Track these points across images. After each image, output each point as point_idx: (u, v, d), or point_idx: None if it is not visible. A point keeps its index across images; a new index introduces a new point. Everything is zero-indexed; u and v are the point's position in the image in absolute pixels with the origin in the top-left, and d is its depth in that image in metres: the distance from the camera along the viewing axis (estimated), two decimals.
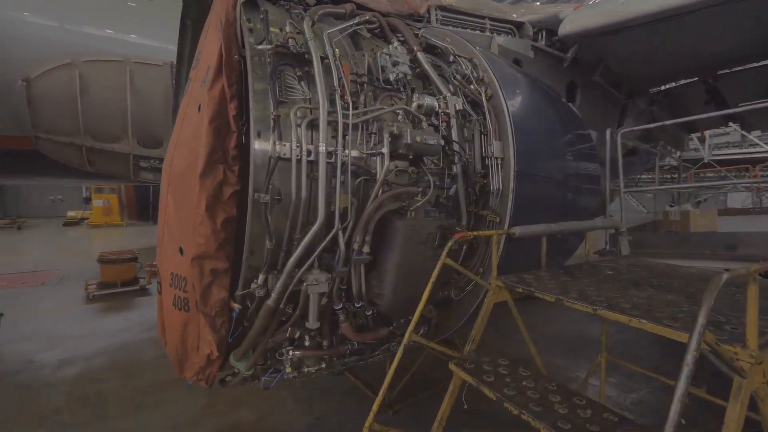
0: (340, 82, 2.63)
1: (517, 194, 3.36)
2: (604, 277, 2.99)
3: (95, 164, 6.73)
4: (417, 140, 2.73)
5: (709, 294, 1.44)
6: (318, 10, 2.90)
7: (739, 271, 1.54)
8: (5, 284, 9.42)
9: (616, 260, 3.66)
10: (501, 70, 3.70)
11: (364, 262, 2.74)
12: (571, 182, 4.05)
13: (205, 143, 2.43)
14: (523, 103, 3.68)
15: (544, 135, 3.81)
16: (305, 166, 2.46)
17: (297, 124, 2.46)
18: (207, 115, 2.46)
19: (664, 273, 3.08)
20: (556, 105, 4.33)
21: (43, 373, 5.34)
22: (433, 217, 2.97)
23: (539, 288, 2.65)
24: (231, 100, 2.50)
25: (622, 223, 3.90)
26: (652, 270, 3.23)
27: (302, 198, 2.45)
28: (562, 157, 3.96)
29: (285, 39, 2.51)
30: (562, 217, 3.69)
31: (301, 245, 2.47)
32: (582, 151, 4.49)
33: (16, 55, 5.98)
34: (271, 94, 2.41)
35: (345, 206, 2.63)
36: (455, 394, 2.68)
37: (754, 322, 1.68)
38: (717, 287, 1.45)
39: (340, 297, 2.79)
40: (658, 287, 2.63)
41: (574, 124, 4.58)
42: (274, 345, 2.79)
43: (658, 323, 1.91)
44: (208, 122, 2.45)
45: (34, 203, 28.10)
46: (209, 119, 2.45)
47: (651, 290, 2.58)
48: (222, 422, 4.41)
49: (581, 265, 3.38)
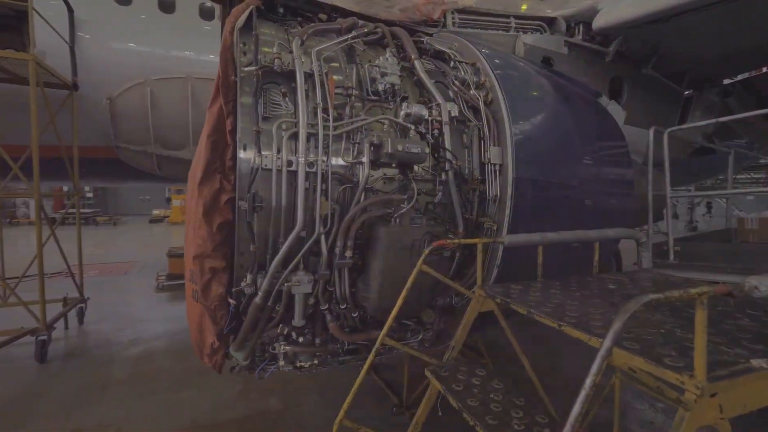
0: (324, 96, 2.80)
1: (516, 201, 3.26)
2: (600, 292, 2.80)
3: (163, 169, 7.65)
4: (399, 149, 2.80)
5: (621, 315, 1.35)
6: (309, 29, 3.09)
7: (668, 294, 1.41)
8: (97, 272, 11.05)
9: (632, 274, 3.36)
10: (506, 73, 3.60)
11: (346, 266, 2.87)
12: (591, 188, 3.80)
13: (203, 155, 2.75)
14: (528, 106, 3.54)
15: (556, 139, 3.63)
16: (285, 176, 2.67)
17: (280, 137, 2.67)
18: (206, 130, 2.77)
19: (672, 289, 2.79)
20: (578, 105, 4.08)
21: (115, 350, 6.23)
22: (419, 224, 3.01)
23: (518, 299, 2.58)
24: (227, 117, 2.78)
25: (641, 234, 3.55)
26: (659, 285, 2.95)
27: (282, 205, 2.66)
28: (579, 162, 3.73)
29: (272, 59, 2.74)
30: (581, 226, 3.49)
31: (283, 248, 2.68)
32: (611, 154, 4.18)
33: (103, 78, 7.01)
34: (254, 110, 2.65)
35: (328, 212, 2.79)
36: (432, 401, 2.71)
37: (702, 350, 1.52)
38: (632, 309, 1.36)
39: (326, 298, 2.96)
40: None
41: (604, 126, 4.27)
42: (269, 339, 3.04)
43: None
44: (207, 137, 2.76)
45: (128, 202, 32.25)
46: (208, 134, 2.76)
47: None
48: (252, 407, 4.80)
49: (585, 278, 3.18)
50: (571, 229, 3.37)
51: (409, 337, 3.55)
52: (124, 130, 7.26)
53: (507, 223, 3.25)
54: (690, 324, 2.08)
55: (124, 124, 7.26)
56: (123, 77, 7.15)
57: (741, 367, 1.67)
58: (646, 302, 1.38)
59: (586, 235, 3.23)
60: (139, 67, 7.20)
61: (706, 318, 1.51)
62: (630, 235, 3.44)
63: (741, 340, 1.98)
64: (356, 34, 3.27)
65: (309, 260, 2.90)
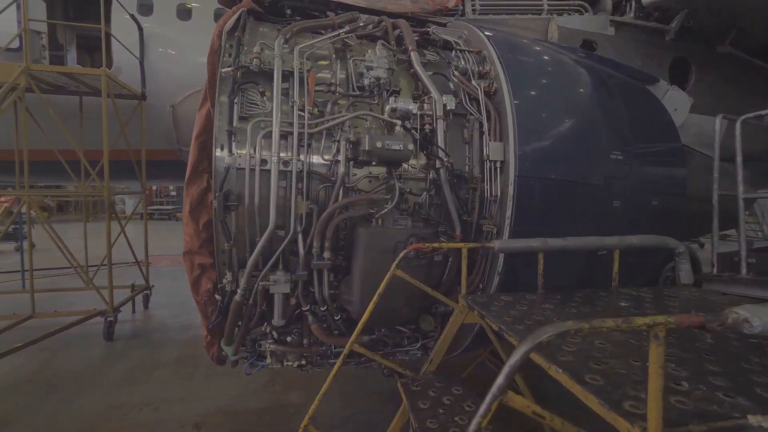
0: (304, 94, 2.75)
1: (519, 202, 2.92)
2: (603, 310, 2.38)
3: None
4: (378, 146, 2.66)
5: (522, 347, 1.10)
6: (294, 26, 3.05)
7: (598, 324, 1.12)
8: (168, 263, 12.28)
9: (660, 290, 2.81)
10: (517, 60, 3.24)
11: (324, 267, 2.80)
12: (623, 188, 3.28)
13: (191, 156, 2.86)
14: (542, 96, 3.16)
15: (576, 132, 3.19)
16: (258, 174, 2.66)
17: (254, 136, 2.68)
18: (195, 131, 2.89)
19: (704, 308, 2.29)
20: (613, 93, 3.54)
21: (169, 334, 6.85)
22: (402, 225, 2.83)
23: (497, 313, 2.29)
24: (214, 118, 2.87)
25: (676, 242, 2.94)
26: (687, 305, 2.43)
27: (256, 203, 2.67)
28: (606, 157, 3.23)
29: (251, 59, 2.76)
30: (609, 231, 3.04)
31: (257, 247, 2.69)
32: (654, 147, 3.58)
33: (167, 87, 7.73)
34: (229, 110, 2.69)
35: (304, 212, 2.74)
36: (406, 415, 2.53)
37: (656, 397, 1.19)
38: (536, 339, 1.09)
39: (306, 299, 2.91)
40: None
41: (647, 115, 3.68)
42: (257, 336, 3.08)
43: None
44: (195, 138, 2.87)
45: None
46: (196, 135, 2.87)
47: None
48: (274, 399, 4.97)
49: (596, 293, 2.73)
50: (595, 235, 2.94)
51: (406, 345, 3.38)
52: (184, 134, 7.93)
53: (508, 226, 2.93)
54: (722, 359, 1.68)
55: (184, 129, 7.93)
56: (184, 86, 7.81)
57: (728, 424, 1.28)
58: (561, 332, 1.11)
59: (601, 243, 2.78)
60: (198, 76, 7.81)
61: (662, 357, 1.18)
62: (660, 243, 2.88)
63: (755, 386, 1.53)
64: (349, 29, 3.17)
65: (289, 260, 2.87)
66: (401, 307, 2.96)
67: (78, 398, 4.75)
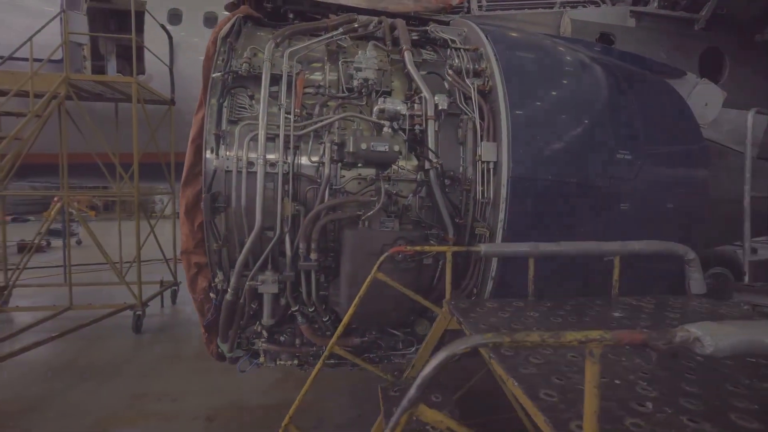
0: (293, 98, 2.78)
1: (513, 205, 2.81)
2: (593, 321, 2.23)
3: None
4: (362, 147, 2.64)
5: (433, 362, 1.05)
6: (286, 30, 3.08)
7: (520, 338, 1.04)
8: None
9: (665, 300, 2.58)
10: (515, 56, 3.11)
11: (311, 268, 2.81)
12: (631, 189, 3.07)
13: (187, 158, 2.97)
14: (541, 93, 3.01)
15: (576, 131, 3.02)
16: (245, 176, 2.72)
17: (242, 139, 2.74)
18: (191, 135, 2.99)
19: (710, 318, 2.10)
20: (624, 89, 3.32)
21: (192, 329, 7.15)
22: (389, 228, 2.79)
23: (476, 320, 2.21)
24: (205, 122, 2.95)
25: (687, 249, 2.67)
26: (691, 316, 2.24)
27: (242, 205, 2.72)
28: (613, 157, 3.03)
29: (240, 64, 2.82)
30: (616, 236, 2.86)
31: (245, 248, 2.75)
32: (671, 147, 3.33)
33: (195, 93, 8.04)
34: (218, 114, 2.76)
35: (289, 214, 2.77)
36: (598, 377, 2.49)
37: (591, 418, 1.09)
38: (446, 354, 1.04)
39: (296, 299, 2.94)
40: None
41: (666, 112, 3.43)
42: (250, 335, 3.15)
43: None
44: (191, 141, 2.97)
45: None
46: (192, 138, 2.98)
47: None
48: (284, 396, 5.06)
49: (592, 301, 2.56)
50: (602, 240, 2.77)
51: (401, 348, 3.33)
52: None
53: (501, 229, 2.82)
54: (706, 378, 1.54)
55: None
56: None
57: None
58: (477, 345, 1.05)
59: (599, 248, 2.60)
60: None
61: (598, 377, 1.08)
62: (667, 249, 2.65)
63: (731, 411, 1.37)
64: (343, 31, 3.17)
65: (279, 261, 2.91)
66: (389, 311, 2.92)
67: (105, 386, 5.05)
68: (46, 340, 5.47)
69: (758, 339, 1.07)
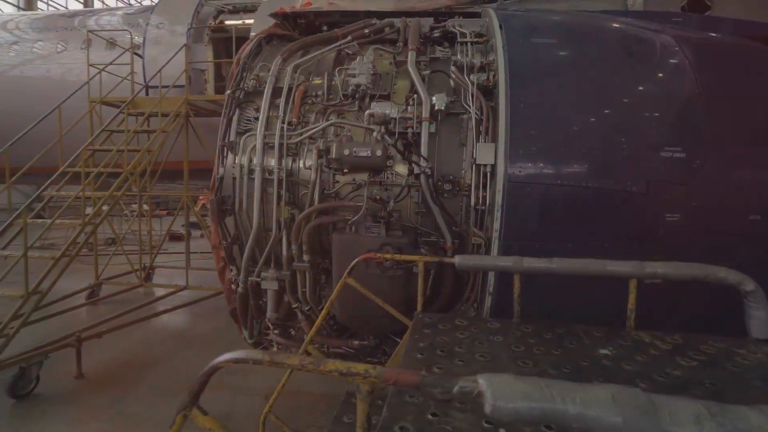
0: (288, 108, 2.95)
1: (510, 212, 2.49)
2: (564, 354, 1.83)
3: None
4: (345, 153, 2.66)
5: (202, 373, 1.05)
6: (295, 45, 3.23)
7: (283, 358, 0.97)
8: None
9: (698, 342, 1.91)
10: (530, 45, 2.72)
11: (303, 269, 2.94)
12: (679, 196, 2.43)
13: (214, 166, 3.38)
14: (558, 84, 2.58)
15: (603, 126, 2.51)
16: (246, 182, 2.97)
17: (246, 148, 3.01)
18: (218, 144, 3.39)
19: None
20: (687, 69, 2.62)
21: None
22: (375, 233, 2.73)
23: (430, 335, 2.04)
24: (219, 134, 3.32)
25: (743, 277, 1.87)
26: (710, 365, 1.66)
27: (244, 208, 2.99)
28: (653, 156, 2.43)
29: (249, 81, 3.10)
30: (652, 250, 2.35)
31: (247, 247, 3.01)
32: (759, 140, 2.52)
33: None
34: (226, 126, 3.07)
35: (286, 217, 2.94)
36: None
37: None
38: (211, 366, 1.03)
39: (295, 297, 3.11)
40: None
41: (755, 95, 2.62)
42: (265, 326, 3.43)
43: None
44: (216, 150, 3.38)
45: None
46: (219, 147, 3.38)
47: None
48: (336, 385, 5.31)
49: (588, 332, 2.08)
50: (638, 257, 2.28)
51: None
52: None
53: (497, 239, 2.52)
54: None
55: None
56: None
57: None
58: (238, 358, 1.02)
59: (603, 268, 2.10)
60: None
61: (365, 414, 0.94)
62: (713, 276, 1.96)
63: None
64: (349, 39, 3.21)
65: (280, 260, 3.12)
66: (381, 316, 2.86)
67: (201, 355, 5.89)
68: (161, 312, 6.77)
69: (549, 406, 0.80)
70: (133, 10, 9.57)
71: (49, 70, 8.97)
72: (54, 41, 9.20)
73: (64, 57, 8.95)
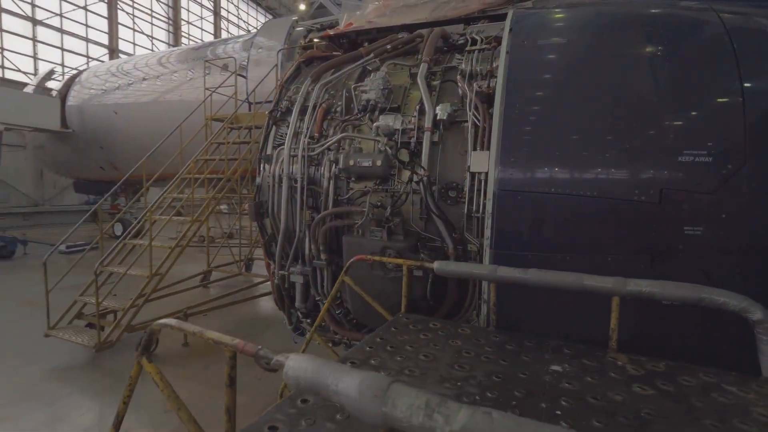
0: (312, 123, 3.33)
1: (501, 221, 2.47)
2: (511, 365, 1.78)
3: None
4: (350, 163, 2.93)
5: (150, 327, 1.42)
6: (324, 66, 3.57)
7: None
8: None
9: (681, 369, 1.62)
10: (533, 47, 2.60)
11: (319, 266, 3.28)
12: (699, 206, 2.13)
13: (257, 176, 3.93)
14: (555, 86, 2.45)
15: (606, 129, 2.30)
16: (276, 189, 3.42)
17: (278, 160, 3.47)
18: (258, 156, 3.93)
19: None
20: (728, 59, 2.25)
21: None
22: (377, 237, 2.92)
23: (392, 335, 2.18)
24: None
25: (753, 304, 1.45)
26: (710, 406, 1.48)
27: (275, 211, 3.44)
28: (667, 161, 2.16)
29: (284, 101, 3.55)
30: (666, 265, 2.16)
31: (278, 245, 3.47)
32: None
33: None
34: (263, 141, 3.56)
35: (307, 219, 3.33)
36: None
37: None
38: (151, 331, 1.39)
39: (318, 290, 3.47)
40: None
41: None
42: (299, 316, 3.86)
43: None
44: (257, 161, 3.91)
45: None
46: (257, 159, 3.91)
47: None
48: None
49: (553, 345, 1.94)
50: (648, 273, 2.12)
51: None
52: None
53: (488, 248, 2.52)
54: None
55: None
56: None
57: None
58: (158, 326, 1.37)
59: (579, 282, 1.94)
60: None
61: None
62: (714, 301, 1.63)
63: None
64: (372, 56, 3.44)
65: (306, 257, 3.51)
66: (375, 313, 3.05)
67: (279, 335, 6.39)
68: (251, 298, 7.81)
69: (321, 381, 0.96)
70: (248, 37, 11.15)
71: (181, 95, 11.02)
72: (185, 71, 11.26)
73: (192, 83, 10.91)
